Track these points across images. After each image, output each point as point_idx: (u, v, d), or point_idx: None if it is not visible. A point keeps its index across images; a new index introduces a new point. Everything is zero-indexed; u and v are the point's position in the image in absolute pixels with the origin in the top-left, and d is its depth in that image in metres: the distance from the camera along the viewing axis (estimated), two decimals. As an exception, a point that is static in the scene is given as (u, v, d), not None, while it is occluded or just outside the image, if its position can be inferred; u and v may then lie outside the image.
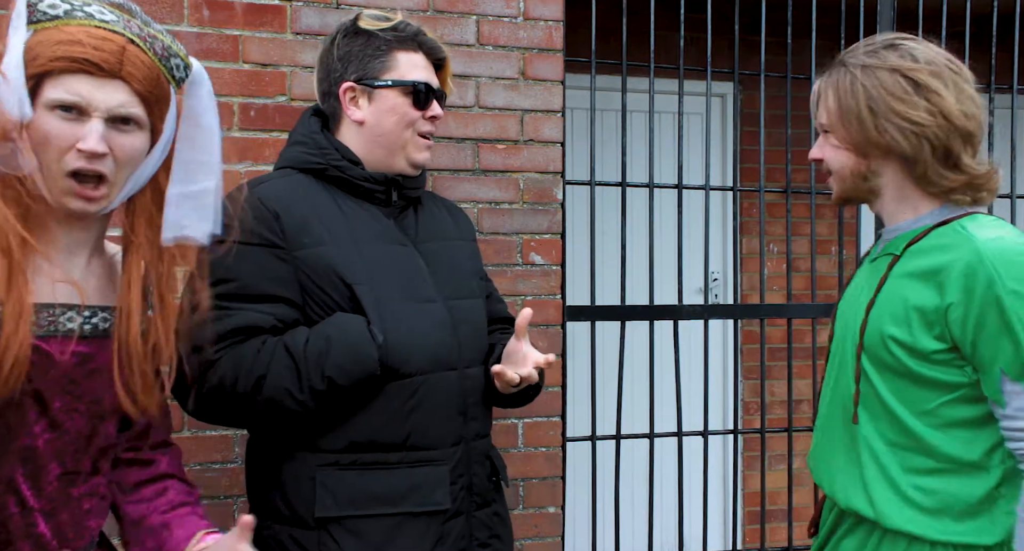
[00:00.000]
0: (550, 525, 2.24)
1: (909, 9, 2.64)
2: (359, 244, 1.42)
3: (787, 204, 2.59)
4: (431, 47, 1.52)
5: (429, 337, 1.42)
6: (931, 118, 1.29)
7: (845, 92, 1.34)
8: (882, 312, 1.33)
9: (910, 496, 1.30)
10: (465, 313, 1.50)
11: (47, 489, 1.06)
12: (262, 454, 1.46)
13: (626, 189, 2.37)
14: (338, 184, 1.48)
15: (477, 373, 1.50)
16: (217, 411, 1.39)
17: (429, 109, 1.50)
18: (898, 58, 1.33)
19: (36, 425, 1.04)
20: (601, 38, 2.43)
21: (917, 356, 1.29)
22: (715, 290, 3.77)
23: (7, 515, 1.03)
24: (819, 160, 1.44)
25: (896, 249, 1.37)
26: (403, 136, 1.49)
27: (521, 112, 2.22)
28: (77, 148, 1.03)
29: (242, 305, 1.35)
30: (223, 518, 2.01)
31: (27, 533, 1.05)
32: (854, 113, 1.33)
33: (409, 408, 1.40)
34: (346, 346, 1.33)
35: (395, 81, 1.47)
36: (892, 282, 1.34)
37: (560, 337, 2.25)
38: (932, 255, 1.30)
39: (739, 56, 2.70)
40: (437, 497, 1.40)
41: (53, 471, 1.07)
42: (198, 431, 1.99)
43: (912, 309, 1.29)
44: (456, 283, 1.52)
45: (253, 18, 2.02)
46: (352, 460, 1.38)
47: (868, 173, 1.37)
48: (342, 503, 1.37)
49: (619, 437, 2.38)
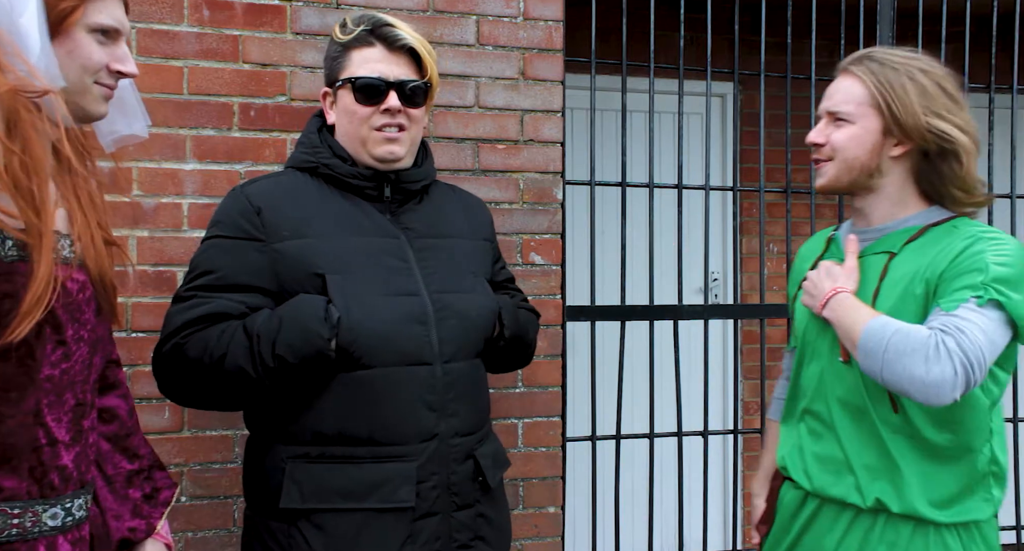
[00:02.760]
0: (550, 525, 2.24)
1: (909, 9, 2.64)
2: (340, 237, 1.44)
3: (787, 204, 2.59)
4: (387, 37, 1.47)
5: (394, 329, 1.40)
6: (968, 126, 1.36)
7: (890, 85, 1.36)
8: (891, 309, 1.35)
9: (920, 482, 1.35)
10: (454, 307, 1.47)
11: (65, 420, 1.08)
12: (251, 446, 1.50)
13: (626, 189, 2.37)
14: (330, 181, 1.50)
15: (462, 368, 1.47)
16: (189, 392, 1.43)
17: (382, 103, 1.46)
18: (928, 65, 1.38)
19: (54, 354, 1.06)
20: (601, 38, 2.43)
21: None
22: (715, 290, 3.77)
23: (39, 447, 1.04)
24: (820, 144, 1.44)
25: (892, 247, 1.40)
26: (359, 133, 1.48)
27: (521, 112, 2.22)
28: (121, 69, 1.13)
29: (218, 294, 1.40)
30: (223, 518, 2.01)
31: (55, 465, 1.06)
32: (901, 106, 1.35)
33: (371, 401, 1.39)
34: (296, 324, 1.35)
35: (344, 79, 1.48)
36: (892, 278, 1.38)
37: (560, 337, 2.25)
38: (930, 251, 1.36)
39: (739, 56, 2.70)
40: (401, 494, 1.38)
41: (69, 402, 1.08)
42: (198, 431, 1.99)
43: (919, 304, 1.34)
44: (451, 277, 1.51)
45: (253, 18, 2.03)
46: (321, 453, 1.39)
47: (876, 170, 1.41)
48: (307, 496, 1.37)
49: (619, 437, 2.38)
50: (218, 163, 2.01)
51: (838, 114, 1.41)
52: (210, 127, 2.00)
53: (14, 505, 1.01)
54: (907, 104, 1.35)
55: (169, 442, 1.97)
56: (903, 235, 1.41)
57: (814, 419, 1.48)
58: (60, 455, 1.07)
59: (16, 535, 1.01)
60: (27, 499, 1.02)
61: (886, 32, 2.49)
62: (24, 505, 1.02)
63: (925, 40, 2.39)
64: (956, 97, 1.38)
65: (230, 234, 1.43)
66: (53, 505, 1.05)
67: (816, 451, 1.46)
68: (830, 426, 1.44)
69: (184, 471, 1.98)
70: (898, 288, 1.36)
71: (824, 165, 1.45)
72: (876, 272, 1.41)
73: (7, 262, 0.98)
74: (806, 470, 1.47)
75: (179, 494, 1.98)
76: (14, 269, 0.99)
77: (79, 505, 1.10)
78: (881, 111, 1.37)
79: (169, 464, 1.96)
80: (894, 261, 1.39)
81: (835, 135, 1.42)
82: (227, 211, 1.46)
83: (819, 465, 1.45)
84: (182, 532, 1.98)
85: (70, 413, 1.08)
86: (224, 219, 1.45)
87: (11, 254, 0.99)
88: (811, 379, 1.49)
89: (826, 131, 1.44)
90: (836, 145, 1.42)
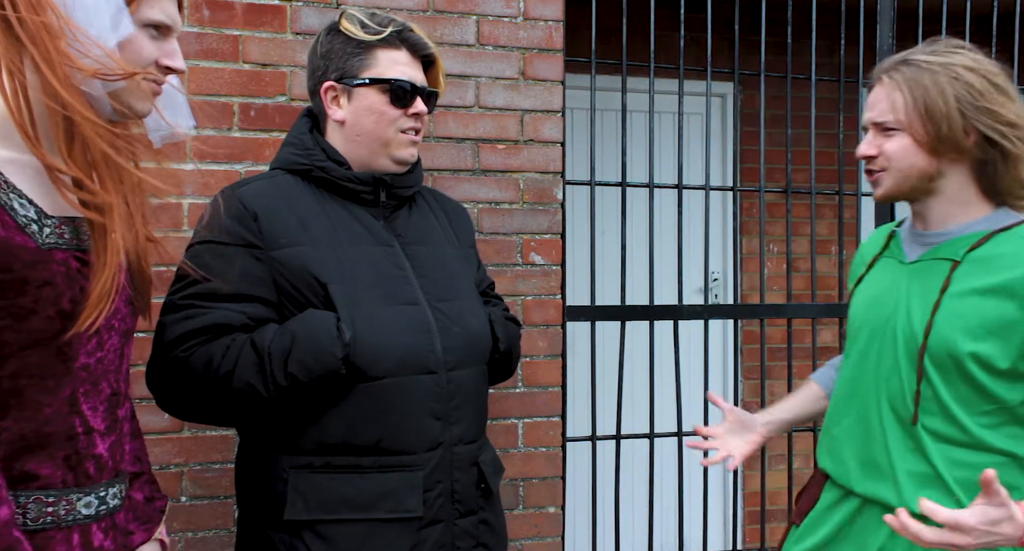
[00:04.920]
0: (550, 525, 2.24)
1: (909, 9, 2.64)
2: (339, 245, 1.41)
3: (787, 204, 2.58)
4: (415, 43, 1.48)
5: (400, 340, 1.39)
6: (1020, 120, 1.31)
7: (927, 90, 1.33)
8: (952, 322, 1.32)
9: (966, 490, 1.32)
10: (455, 316, 1.47)
11: (100, 410, 1.08)
12: (245, 454, 1.47)
13: (626, 189, 2.37)
14: (323, 185, 1.47)
15: (466, 375, 1.46)
16: (191, 408, 1.40)
17: (411, 107, 1.47)
18: (973, 61, 1.33)
19: (89, 343, 1.05)
20: (601, 38, 2.43)
21: (992, 373, 1.30)
22: (715, 290, 3.77)
23: (75, 435, 1.04)
24: (872, 156, 1.41)
25: (955, 254, 1.36)
26: (384, 135, 1.47)
27: (521, 112, 2.22)
28: (170, 65, 1.11)
29: (216, 304, 1.35)
30: (223, 518, 2.01)
31: (90, 454, 1.06)
32: (941, 112, 1.31)
33: (378, 411, 1.37)
34: (310, 343, 1.32)
35: (372, 79, 1.45)
36: (958, 290, 1.34)
37: (560, 337, 2.25)
38: (1002, 266, 1.31)
39: (739, 56, 2.70)
40: (409, 504, 1.37)
41: (104, 391, 1.08)
42: (198, 431, 1.99)
43: (992, 327, 1.30)
44: (446, 285, 1.49)
45: (253, 18, 2.03)
46: (325, 463, 1.37)
47: (935, 173, 1.37)
48: (312, 507, 1.35)
49: (619, 437, 2.38)
50: (218, 163, 2.00)
51: (885, 124, 1.38)
52: (210, 127, 2.00)
53: (49, 493, 1.02)
54: (946, 111, 1.32)
55: (169, 442, 1.97)
56: (966, 241, 1.36)
57: (862, 421, 1.45)
58: (96, 444, 1.07)
59: (51, 523, 1.02)
60: (62, 487, 1.03)
61: (886, 32, 2.49)
62: (59, 493, 1.02)
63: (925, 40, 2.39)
64: (1007, 90, 1.33)
65: (225, 240, 1.37)
66: (88, 494, 1.06)
67: (864, 454, 1.43)
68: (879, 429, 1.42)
69: (184, 471, 1.98)
70: (969, 317, 1.32)
71: (879, 176, 1.41)
72: (938, 281, 1.37)
73: (44, 249, 0.98)
74: (853, 473, 1.44)
75: (179, 494, 1.98)
76: (50, 257, 0.99)
77: (113, 494, 1.10)
78: (924, 119, 1.33)
79: (169, 464, 1.96)
80: (957, 271, 1.35)
81: (887, 146, 1.38)
82: (220, 214, 1.39)
83: (866, 468, 1.42)
84: (182, 532, 1.98)
85: (106, 402, 1.08)
86: (217, 223, 1.39)
87: (48, 242, 0.99)
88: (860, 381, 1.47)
89: (876, 142, 1.40)
90: (890, 156, 1.38)
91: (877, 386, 1.43)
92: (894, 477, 1.37)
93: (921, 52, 1.37)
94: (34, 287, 0.97)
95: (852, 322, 1.53)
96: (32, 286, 0.97)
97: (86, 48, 0.97)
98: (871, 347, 1.45)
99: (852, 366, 1.50)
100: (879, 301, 1.46)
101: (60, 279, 0.99)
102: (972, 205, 1.38)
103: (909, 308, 1.39)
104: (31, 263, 0.97)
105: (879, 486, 1.40)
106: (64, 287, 0.99)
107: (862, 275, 1.54)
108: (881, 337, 1.43)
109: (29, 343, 0.98)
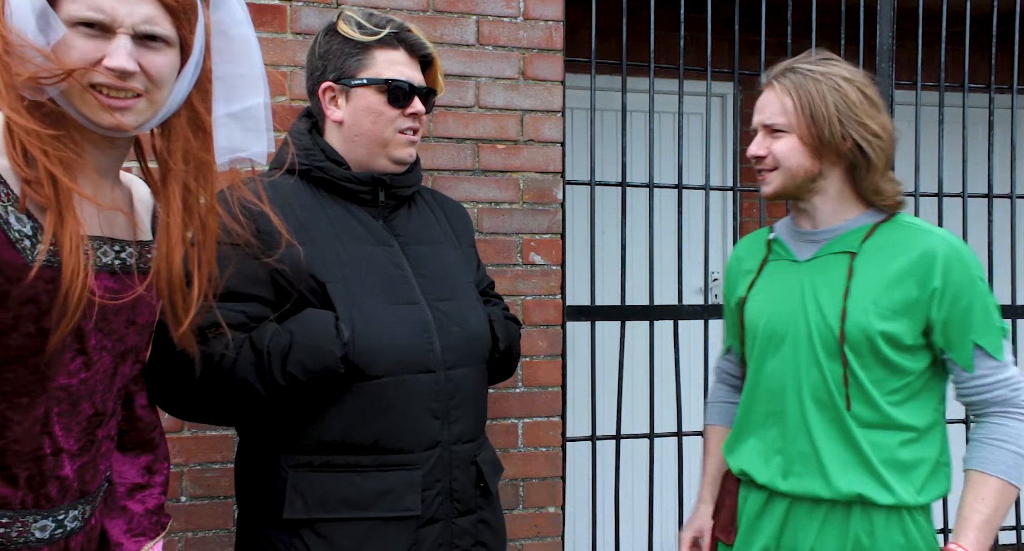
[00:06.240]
0: (550, 525, 2.24)
1: (909, 9, 2.64)
2: (338, 244, 1.42)
3: (787, 204, 2.58)
4: (412, 43, 1.49)
5: (399, 339, 1.39)
6: (883, 131, 1.45)
7: (812, 96, 1.44)
8: (864, 307, 1.42)
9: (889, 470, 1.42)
10: (454, 315, 1.47)
11: (75, 430, 1.05)
12: (244, 453, 1.47)
13: (626, 189, 2.37)
14: (322, 185, 1.47)
15: (465, 374, 1.47)
16: (190, 407, 1.39)
17: (409, 107, 1.47)
18: (849, 72, 1.46)
19: (72, 363, 1.02)
20: (601, 38, 2.43)
21: (900, 348, 1.41)
22: (715, 290, 3.77)
23: (42, 456, 1.01)
24: (762, 157, 1.51)
25: (851, 247, 1.47)
26: (383, 135, 1.47)
27: (521, 112, 2.22)
28: (105, 65, 0.98)
29: (215, 303, 1.34)
30: (223, 518, 2.01)
31: (54, 475, 1.03)
32: (824, 117, 1.43)
33: (377, 410, 1.38)
34: (308, 342, 1.33)
35: (370, 79, 1.45)
36: (863, 278, 1.44)
37: (560, 337, 2.25)
38: (897, 252, 1.44)
39: (739, 56, 2.70)
40: (408, 502, 1.38)
41: (85, 411, 1.05)
42: (198, 431, 1.99)
43: (898, 307, 1.41)
44: (445, 285, 1.50)
45: (253, 18, 1.99)
46: (324, 462, 1.37)
47: (818, 174, 1.48)
48: (311, 506, 1.36)
49: (619, 437, 2.38)
50: (218, 163, 2.00)
51: (774, 126, 1.48)
52: (210, 127, 2.00)
53: (4, 514, 0.99)
54: (827, 116, 1.43)
55: (169, 442, 1.95)
56: (857, 234, 1.48)
57: (780, 418, 1.49)
58: (63, 465, 1.04)
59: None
60: (19, 509, 1.00)
61: (886, 32, 2.49)
62: (15, 515, 1.00)
63: (925, 40, 2.39)
64: (876, 102, 1.46)
65: (225, 240, 1.36)
66: (45, 517, 1.03)
67: (786, 450, 1.47)
68: (800, 423, 1.46)
69: (184, 471, 1.98)
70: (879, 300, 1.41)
71: (768, 175, 1.51)
72: (840, 273, 1.46)
73: (31, 266, 0.95)
74: (777, 471, 1.48)
75: (179, 494, 1.99)
76: (39, 274, 0.96)
77: (73, 516, 1.07)
78: (809, 122, 1.45)
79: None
80: (857, 261, 1.46)
81: (776, 146, 1.48)
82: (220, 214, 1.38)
83: (790, 464, 1.46)
84: (182, 532, 1.98)
85: (84, 423, 1.06)
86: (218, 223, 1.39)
87: (39, 259, 0.96)
88: (773, 378, 1.50)
89: (765, 143, 1.50)
90: (779, 156, 1.48)
91: (796, 382, 1.47)
92: (821, 468, 1.43)
93: (804, 61, 1.49)
94: (16, 303, 0.94)
95: (751, 328, 1.57)
96: (14, 302, 0.94)
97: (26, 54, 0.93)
98: (780, 347, 1.50)
99: (758, 370, 1.54)
100: (780, 301, 1.52)
101: (45, 297, 0.96)
102: (850, 204, 1.51)
103: (818, 301, 1.47)
104: (15, 279, 0.94)
105: (806, 481, 1.45)
106: (49, 305, 0.96)
107: (753, 280, 1.59)
108: (792, 335, 1.49)
109: (5, 359, 0.95)
